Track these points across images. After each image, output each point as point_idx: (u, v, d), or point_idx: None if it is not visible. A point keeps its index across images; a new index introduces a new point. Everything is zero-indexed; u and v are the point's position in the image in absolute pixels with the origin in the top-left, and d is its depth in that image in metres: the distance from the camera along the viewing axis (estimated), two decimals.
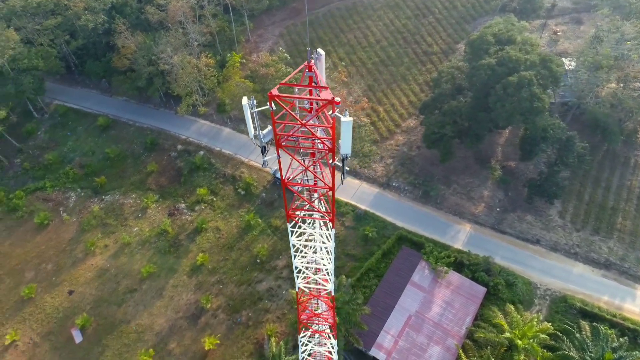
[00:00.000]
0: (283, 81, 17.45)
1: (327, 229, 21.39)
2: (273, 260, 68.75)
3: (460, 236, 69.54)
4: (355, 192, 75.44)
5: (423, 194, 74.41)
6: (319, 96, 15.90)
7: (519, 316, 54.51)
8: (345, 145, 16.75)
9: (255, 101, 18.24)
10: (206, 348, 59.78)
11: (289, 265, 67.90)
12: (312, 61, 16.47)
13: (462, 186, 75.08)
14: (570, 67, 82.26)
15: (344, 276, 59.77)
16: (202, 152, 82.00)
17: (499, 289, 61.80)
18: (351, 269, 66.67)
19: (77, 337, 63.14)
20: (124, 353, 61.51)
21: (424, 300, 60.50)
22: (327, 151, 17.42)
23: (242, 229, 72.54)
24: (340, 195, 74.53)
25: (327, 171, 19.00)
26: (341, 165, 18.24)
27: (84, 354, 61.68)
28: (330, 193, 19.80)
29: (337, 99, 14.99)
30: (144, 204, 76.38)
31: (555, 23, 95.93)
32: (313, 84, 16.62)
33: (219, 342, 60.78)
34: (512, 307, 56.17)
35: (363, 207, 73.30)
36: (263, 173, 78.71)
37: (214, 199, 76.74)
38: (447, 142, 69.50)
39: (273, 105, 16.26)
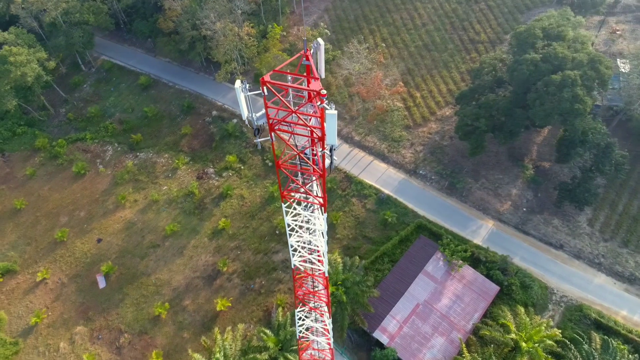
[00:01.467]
0: (277, 68, 17.75)
1: (320, 213, 21.90)
2: None
3: (481, 232, 68.55)
4: (380, 176, 75.29)
5: (449, 185, 73.45)
6: (309, 86, 16.17)
7: (527, 319, 53.80)
8: (330, 137, 17.01)
9: (247, 85, 18.71)
10: (218, 309, 62.29)
11: None
12: (311, 50, 16.69)
13: (490, 182, 73.56)
14: (624, 69, 77.95)
15: (357, 257, 60.30)
16: (235, 120, 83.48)
17: (512, 289, 61.03)
18: (367, 251, 67.21)
19: (101, 283, 67.07)
20: (141, 303, 64.98)
21: (434, 290, 60.56)
22: (317, 139, 17.76)
23: (265, 199, 74.05)
24: (365, 178, 74.69)
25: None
26: (329, 154, 18.52)
27: (105, 299, 65.57)
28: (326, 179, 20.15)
29: (324, 91, 15.21)
30: (175, 165, 78.99)
31: (615, 21, 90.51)
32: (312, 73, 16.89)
33: (230, 304, 63.17)
34: (522, 309, 55.42)
35: (386, 191, 73.16)
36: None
37: (242, 167, 78.40)
38: (480, 136, 67.89)
39: (265, 90, 16.68)
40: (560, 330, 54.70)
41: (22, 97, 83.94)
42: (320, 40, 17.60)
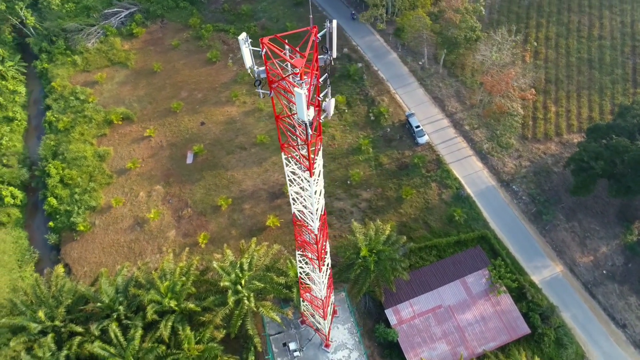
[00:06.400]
0: (279, 35, 18.63)
1: (310, 176, 23.17)
2: (360, 189, 71.69)
3: (544, 272, 63.89)
4: (470, 174, 72.21)
5: (536, 212, 68.28)
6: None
7: None
8: (299, 112, 17.89)
9: (250, 40, 19.90)
10: (267, 224, 67.58)
11: (371, 200, 70.41)
12: (324, 30, 17.27)
13: (582, 228, 66.88)
14: None
15: (404, 237, 60.15)
16: (360, 65, 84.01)
17: (544, 339, 57.43)
18: (420, 236, 66.73)
19: (189, 159, 75.82)
20: (212, 190, 72.69)
21: (463, 302, 59.21)
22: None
23: (353, 148, 75.65)
24: (455, 169, 72.25)
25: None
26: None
27: (186, 173, 74.40)
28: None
29: (297, 70, 15.99)
30: None
31: None
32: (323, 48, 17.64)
33: (279, 225, 68.06)
34: None
35: (469, 190, 70.37)
36: (399, 110, 78.79)
37: (346, 110, 80.00)
38: (590, 178, 61.20)
39: (265, 50, 17.86)
40: None
41: None
42: (334, 21, 18.05)
